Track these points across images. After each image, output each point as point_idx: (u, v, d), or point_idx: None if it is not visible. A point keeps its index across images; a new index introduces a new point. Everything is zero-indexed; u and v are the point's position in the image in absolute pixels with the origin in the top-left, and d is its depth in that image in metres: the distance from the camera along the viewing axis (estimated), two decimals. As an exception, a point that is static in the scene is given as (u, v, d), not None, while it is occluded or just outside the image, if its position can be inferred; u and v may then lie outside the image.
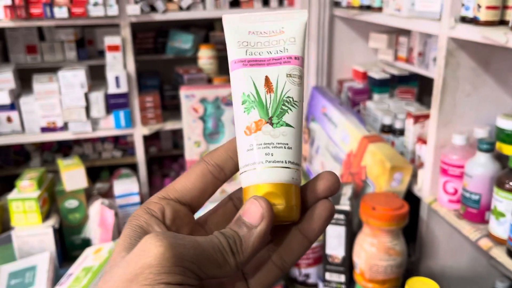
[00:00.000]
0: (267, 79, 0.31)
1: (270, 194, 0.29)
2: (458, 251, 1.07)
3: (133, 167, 1.73)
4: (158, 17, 1.46)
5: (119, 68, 1.46)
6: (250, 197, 0.29)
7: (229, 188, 1.47)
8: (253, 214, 0.27)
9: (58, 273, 1.32)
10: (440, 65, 0.93)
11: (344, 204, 1.02)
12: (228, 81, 1.64)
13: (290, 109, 0.30)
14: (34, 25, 1.39)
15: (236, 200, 0.33)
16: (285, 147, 0.30)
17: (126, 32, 1.44)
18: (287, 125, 0.30)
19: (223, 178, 0.31)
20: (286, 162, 0.30)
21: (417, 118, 1.11)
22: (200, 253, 0.25)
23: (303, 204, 0.30)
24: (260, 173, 0.29)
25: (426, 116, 1.12)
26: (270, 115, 0.30)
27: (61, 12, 1.34)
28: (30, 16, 1.33)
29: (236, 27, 0.32)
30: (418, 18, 1.02)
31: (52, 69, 1.58)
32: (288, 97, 0.30)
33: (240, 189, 0.32)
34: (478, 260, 1.08)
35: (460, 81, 0.94)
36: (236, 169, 0.31)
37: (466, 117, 0.96)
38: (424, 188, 1.03)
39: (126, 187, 1.48)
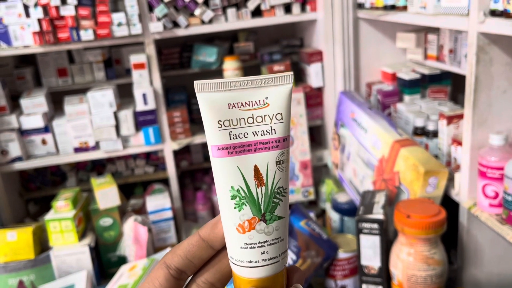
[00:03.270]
0: (256, 170, 0.29)
1: (264, 286, 0.31)
2: (504, 258, 1.00)
3: (166, 182, 1.74)
4: (181, 32, 1.47)
5: (146, 85, 1.48)
6: None
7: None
8: None
9: (95, 291, 1.34)
10: (471, 62, 0.88)
11: (378, 213, 0.98)
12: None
13: (281, 200, 0.30)
14: (62, 49, 1.43)
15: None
16: (278, 241, 0.30)
17: (151, 50, 1.45)
18: (279, 218, 0.30)
19: (186, 278, 0.32)
20: (279, 256, 0.31)
21: (451, 119, 1.06)
22: None
23: None
24: (255, 271, 0.30)
25: (460, 116, 1.06)
26: (263, 212, 0.30)
27: (87, 35, 1.37)
28: (58, 41, 1.37)
29: (214, 99, 0.29)
30: (445, 14, 0.97)
31: (82, 90, 1.62)
32: (279, 187, 0.30)
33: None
34: (526, 266, 1.01)
35: (494, 77, 0.89)
36: (196, 269, 0.32)
37: (503, 115, 0.91)
38: (462, 192, 0.98)
39: (158, 202, 1.49)
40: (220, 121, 0.29)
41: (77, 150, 1.51)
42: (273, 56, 1.62)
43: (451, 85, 1.37)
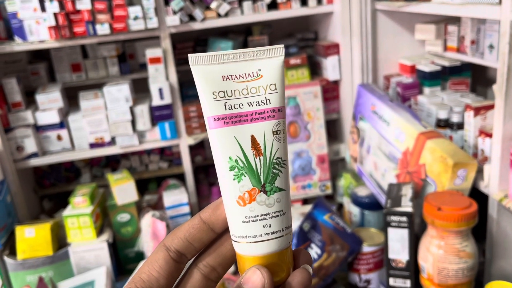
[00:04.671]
0: (253, 140, 0.29)
1: (270, 264, 0.30)
2: (533, 250, 0.99)
3: (180, 177, 1.73)
4: (197, 26, 1.45)
5: (162, 79, 1.47)
6: (251, 266, 0.29)
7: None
8: (255, 283, 0.29)
9: (115, 287, 1.33)
10: (503, 52, 0.87)
11: (406, 206, 0.97)
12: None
13: (281, 171, 0.30)
14: (77, 43, 1.41)
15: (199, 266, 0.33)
16: (281, 215, 0.30)
17: (167, 44, 1.44)
18: (280, 189, 0.30)
19: (186, 261, 0.32)
20: (283, 230, 0.30)
21: (478, 110, 1.05)
22: None
23: None
24: (259, 246, 0.29)
25: (487, 108, 1.05)
26: (262, 182, 0.29)
27: (103, 29, 1.35)
28: (73, 35, 1.36)
29: (208, 71, 0.29)
30: (473, 3, 0.96)
31: (96, 86, 1.61)
32: (277, 158, 0.30)
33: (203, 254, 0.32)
34: (555, 259, 1.00)
35: (526, 67, 0.87)
36: (196, 252, 0.32)
37: (536, 105, 0.89)
38: (492, 184, 0.96)
39: (175, 198, 1.48)
40: (215, 92, 0.29)
41: (93, 145, 1.50)
42: (289, 50, 1.60)
43: (471, 77, 1.36)
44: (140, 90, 1.63)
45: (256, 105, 0.30)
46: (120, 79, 1.56)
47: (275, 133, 0.30)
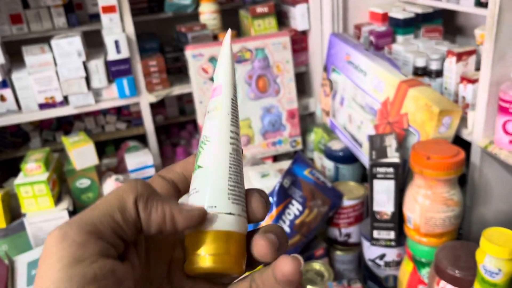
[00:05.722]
0: None
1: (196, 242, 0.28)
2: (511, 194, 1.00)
3: (139, 139, 1.62)
4: (154, -31, 1.31)
5: (118, 31, 1.33)
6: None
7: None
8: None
9: (80, 257, 1.24)
10: (495, -9, 0.83)
11: (392, 156, 0.94)
12: (236, 36, 1.52)
13: (202, 149, 0.29)
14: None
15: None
16: (193, 193, 0.29)
17: (121, -10, 1.30)
18: (198, 167, 0.29)
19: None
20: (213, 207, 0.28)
21: (460, 56, 1.02)
22: None
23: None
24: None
25: (469, 53, 1.02)
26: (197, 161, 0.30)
27: (47, -28, 1.19)
28: (12, -21, 1.18)
29: None
30: None
31: (41, 40, 1.44)
32: (204, 135, 0.29)
33: None
34: (531, 202, 1.02)
35: (516, 8, 0.84)
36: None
37: (523, 48, 0.87)
38: (476, 131, 0.95)
39: (139, 160, 1.38)
40: None
41: (43, 106, 1.35)
42: (255, -3, 1.50)
43: (442, 24, 1.33)
44: (92, 45, 1.48)
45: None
46: (69, 31, 1.40)
47: (208, 112, 0.30)
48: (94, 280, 0.21)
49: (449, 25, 1.38)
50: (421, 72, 1.14)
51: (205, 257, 0.27)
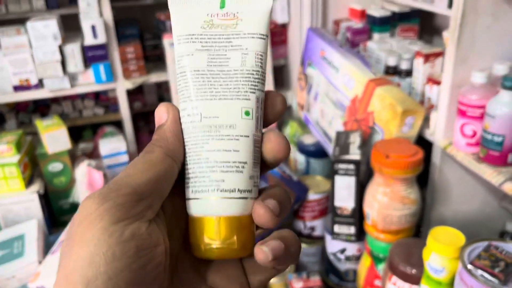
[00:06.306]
0: None
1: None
2: (470, 195, 1.03)
3: (117, 125, 1.63)
4: (134, -44, 1.31)
5: (95, 16, 1.32)
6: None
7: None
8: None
9: (48, 240, 1.25)
10: (459, -5, 0.84)
11: (354, 153, 0.96)
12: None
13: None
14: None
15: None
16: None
17: (99, -25, 1.29)
18: None
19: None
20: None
21: (428, 57, 1.03)
22: None
23: None
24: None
25: (437, 55, 1.04)
26: None
27: (23, -47, 1.18)
28: (-13, -41, 1.17)
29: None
30: None
31: (18, 21, 1.43)
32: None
33: None
34: (489, 203, 1.04)
35: (479, 12, 0.85)
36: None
37: (485, 53, 0.88)
38: (438, 131, 0.97)
39: (113, 146, 1.39)
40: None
41: (17, 88, 1.35)
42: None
43: (419, 24, 1.34)
44: (70, 28, 1.47)
45: None
46: (47, 14, 1.39)
47: None
48: (132, 238, 0.23)
49: (427, 25, 1.39)
50: (392, 71, 1.16)
51: (212, 246, 0.26)
